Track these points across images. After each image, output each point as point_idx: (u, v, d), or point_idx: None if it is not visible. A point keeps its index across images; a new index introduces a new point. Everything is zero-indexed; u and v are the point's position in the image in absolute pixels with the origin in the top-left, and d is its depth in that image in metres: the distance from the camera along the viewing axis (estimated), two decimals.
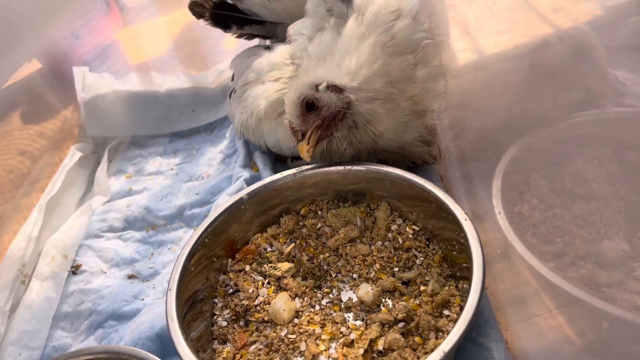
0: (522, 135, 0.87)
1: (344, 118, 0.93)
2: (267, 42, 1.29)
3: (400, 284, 0.87)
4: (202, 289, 0.91)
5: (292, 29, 1.05)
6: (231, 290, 0.92)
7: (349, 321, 0.84)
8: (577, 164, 0.83)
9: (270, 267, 0.93)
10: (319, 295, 0.89)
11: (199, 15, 1.24)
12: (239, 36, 1.26)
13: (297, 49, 1.01)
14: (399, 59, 0.92)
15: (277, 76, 1.03)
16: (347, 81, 0.91)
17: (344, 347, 0.79)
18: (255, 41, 1.33)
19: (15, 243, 1.11)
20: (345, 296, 0.88)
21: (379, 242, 0.93)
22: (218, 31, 1.26)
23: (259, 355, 0.81)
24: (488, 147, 0.93)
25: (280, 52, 1.07)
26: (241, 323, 0.87)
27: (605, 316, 0.67)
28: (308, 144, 0.93)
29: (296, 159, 1.13)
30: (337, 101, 0.91)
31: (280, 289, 0.91)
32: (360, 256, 0.92)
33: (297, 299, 0.89)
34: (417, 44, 0.92)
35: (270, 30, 1.22)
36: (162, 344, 0.88)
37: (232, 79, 1.27)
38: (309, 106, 0.92)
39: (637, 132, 0.78)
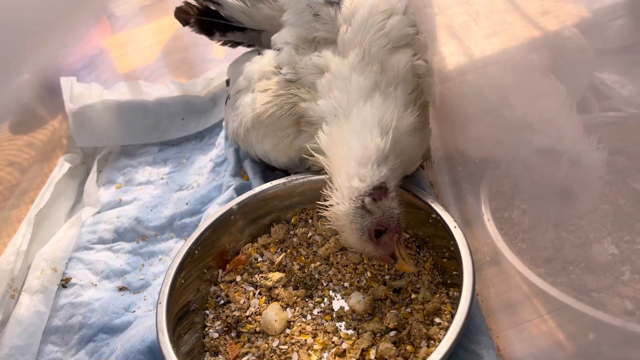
0: (511, 141, 0.87)
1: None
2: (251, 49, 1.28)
3: (391, 292, 0.87)
4: (193, 301, 0.90)
5: (277, 37, 1.04)
6: (222, 302, 0.92)
7: (340, 330, 0.84)
8: (565, 169, 0.83)
9: (261, 277, 0.92)
10: (310, 304, 0.89)
11: (184, 21, 1.24)
12: (224, 43, 1.25)
13: (284, 57, 1.01)
14: (399, 53, 0.90)
15: (265, 87, 1.02)
16: (381, 171, 0.82)
17: (336, 357, 0.79)
18: (240, 49, 1.33)
19: (4, 257, 1.10)
20: (336, 305, 0.88)
21: None
22: (206, 39, 1.26)
23: None
24: (477, 152, 0.93)
25: (269, 59, 1.07)
26: (233, 334, 0.87)
27: (595, 321, 0.67)
28: (404, 259, 0.84)
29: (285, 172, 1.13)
30: (392, 203, 0.83)
31: (271, 299, 0.90)
32: (351, 264, 0.92)
33: (288, 309, 0.88)
34: (410, 36, 0.92)
35: (252, 38, 1.21)
36: (154, 356, 0.87)
37: (228, 85, 1.27)
38: (377, 233, 0.82)
39: (623, 136, 0.78)
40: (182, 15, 1.23)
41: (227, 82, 1.28)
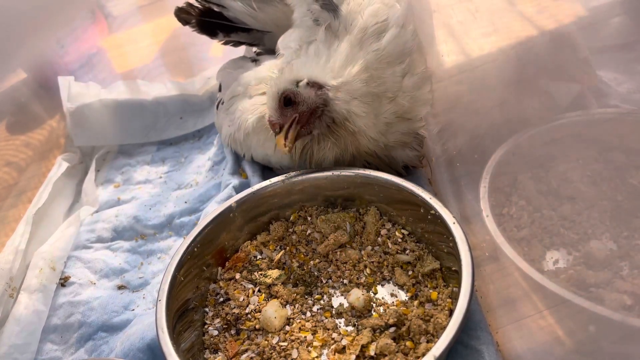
0: (509, 138, 0.88)
1: (322, 115, 0.93)
2: (254, 49, 1.28)
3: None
4: (193, 298, 0.90)
5: (280, 43, 1.05)
6: (222, 299, 0.91)
7: (340, 327, 0.84)
8: (563, 165, 0.84)
9: (261, 274, 0.92)
10: (309, 301, 0.89)
11: (185, 21, 1.23)
12: (226, 43, 1.25)
13: (285, 62, 1.00)
14: (389, 70, 0.92)
15: (264, 90, 1.02)
16: (328, 79, 0.91)
17: (336, 354, 0.79)
18: (242, 48, 1.33)
19: (2, 256, 1.10)
20: (336, 302, 0.88)
21: (369, 247, 0.94)
22: (204, 38, 1.26)
23: None
24: (475, 149, 0.94)
25: (268, 66, 1.06)
26: (232, 332, 0.87)
27: (594, 316, 0.68)
28: (286, 138, 0.93)
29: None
30: (314, 97, 0.91)
31: (271, 296, 0.90)
32: (351, 261, 0.92)
33: (288, 306, 0.88)
34: (406, 53, 0.93)
35: (257, 38, 1.21)
36: (153, 354, 0.87)
37: (220, 90, 1.26)
38: (287, 101, 0.92)
39: (620, 133, 0.79)
40: (183, 15, 1.22)
41: (220, 87, 1.28)
